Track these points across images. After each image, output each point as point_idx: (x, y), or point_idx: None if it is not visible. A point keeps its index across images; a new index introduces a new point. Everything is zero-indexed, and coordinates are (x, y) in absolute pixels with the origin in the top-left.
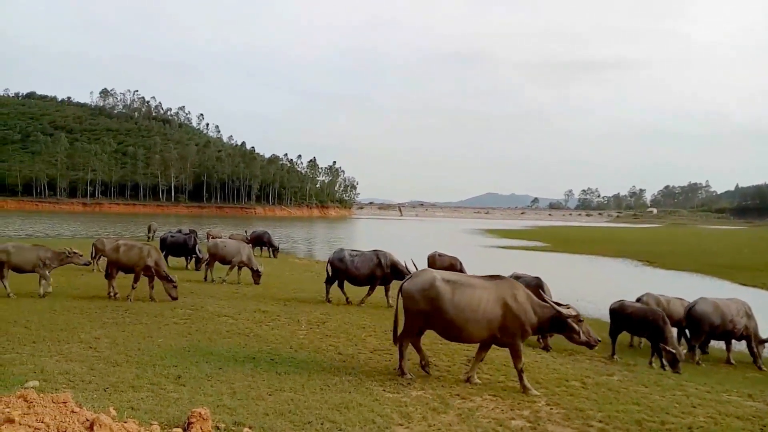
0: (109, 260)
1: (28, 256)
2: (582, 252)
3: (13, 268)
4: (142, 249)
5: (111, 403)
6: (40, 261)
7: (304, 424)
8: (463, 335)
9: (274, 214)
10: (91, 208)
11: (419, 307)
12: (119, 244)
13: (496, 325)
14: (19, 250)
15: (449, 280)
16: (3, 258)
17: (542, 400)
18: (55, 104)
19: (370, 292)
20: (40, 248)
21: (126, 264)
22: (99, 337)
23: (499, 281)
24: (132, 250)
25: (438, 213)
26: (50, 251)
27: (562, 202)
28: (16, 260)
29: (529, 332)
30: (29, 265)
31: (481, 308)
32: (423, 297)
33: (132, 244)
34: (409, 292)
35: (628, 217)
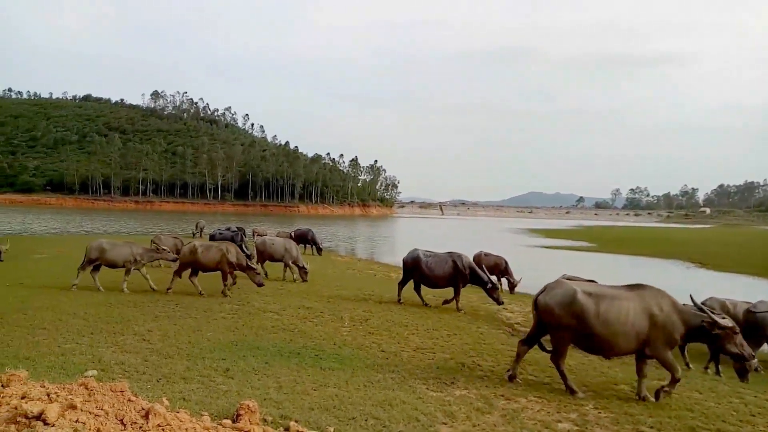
0: (186, 261)
1: (121, 252)
2: (630, 253)
3: (106, 264)
4: (221, 248)
5: (164, 394)
6: (131, 257)
7: (349, 420)
8: (610, 349)
9: (316, 213)
10: (142, 205)
11: (562, 322)
12: (196, 246)
13: (643, 338)
14: (114, 246)
15: (591, 293)
16: (98, 254)
17: (590, 404)
18: (110, 106)
19: (456, 296)
20: (132, 245)
21: (206, 264)
22: (152, 330)
23: (641, 290)
24: (211, 251)
25: (480, 212)
26: (141, 248)
27: (608, 202)
28: (111, 256)
29: (677, 341)
30: (121, 261)
31: (629, 320)
32: (565, 312)
33: (209, 244)
34: (548, 306)
35: (679, 217)
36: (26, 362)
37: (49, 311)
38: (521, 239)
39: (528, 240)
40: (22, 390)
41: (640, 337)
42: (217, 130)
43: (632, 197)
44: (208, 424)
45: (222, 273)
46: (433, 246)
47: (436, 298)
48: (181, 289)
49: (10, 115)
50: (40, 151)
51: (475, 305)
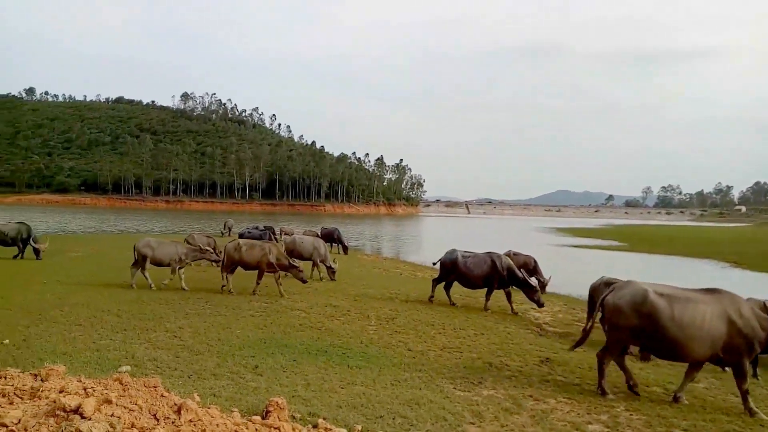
0: (230, 259)
1: (167, 250)
2: (662, 252)
3: (154, 262)
4: (263, 247)
5: (195, 390)
6: (177, 256)
7: (376, 418)
8: (683, 354)
9: (342, 212)
10: (173, 205)
11: (630, 322)
12: (240, 244)
13: (720, 345)
14: (161, 245)
15: (663, 294)
16: (147, 252)
17: (621, 405)
18: (141, 108)
19: (488, 296)
20: (177, 244)
21: (249, 262)
22: (183, 327)
23: (718, 295)
24: (254, 249)
25: (507, 211)
26: (186, 247)
27: (639, 200)
28: (158, 254)
29: (757, 350)
30: (167, 259)
31: (706, 325)
32: (635, 312)
33: (253, 242)
34: (616, 306)
35: (713, 215)
36: (63, 357)
37: (84, 308)
38: (549, 238)
39: (556, 239)
40: (60, 384)
41: (716, 343)
42: (245, 131)
43: (664, 195)
44: (238, 420)
45: (259, 271)
46: (459, 245)
47: (463, 297)
48: (210, 287)
49: (46, 118)
50: (75, 152)
51: (503, 305)
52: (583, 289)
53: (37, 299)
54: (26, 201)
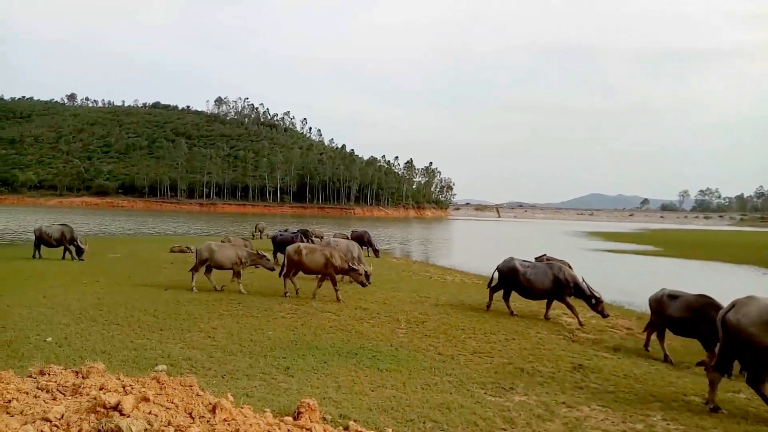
0: (291, 263)
1: (228, 254)
2: (699, 257)
3: (215, 265)
4: (325, 251)
5: (228, 389)
6: (237, 259)
7: (407, 422)
8: None
9: (371, 215)
10: (206, 208)
11: (761, 341)
12: (300, 248)
13: None
14: (221, 248)
15: None
16: (208, 255)
17: (658, 415)
18: (176, 112)
19: (548, 306)
20: (237, 247)
21: (309, 267)
22: (216, 328)
23: None
24: (315, 254)
25: (538, 214)
26: (245, 251)
27: (676, 204)
28: (219, 258)
29: None
30: (228, 263)
31: None
32: (764, 331)
33: (314, 247)
34: (740, 326)
35: (754, 220)
36: (102, 356)
37: (122, 308)
38: (580, 242)
39: (588, 243)
40: (100, 381)
41: None
42: (277, 135)
43: (702, 199)
44: (271, 420)
45: (322, 276)
46: (490, 249)
47: (497, 301)
48: (243, 287)
49: (87, 123)
50: (114, 156)
51: (534, 309)
52: (616, 294)
53: (77, 299)
54: (67, 203)
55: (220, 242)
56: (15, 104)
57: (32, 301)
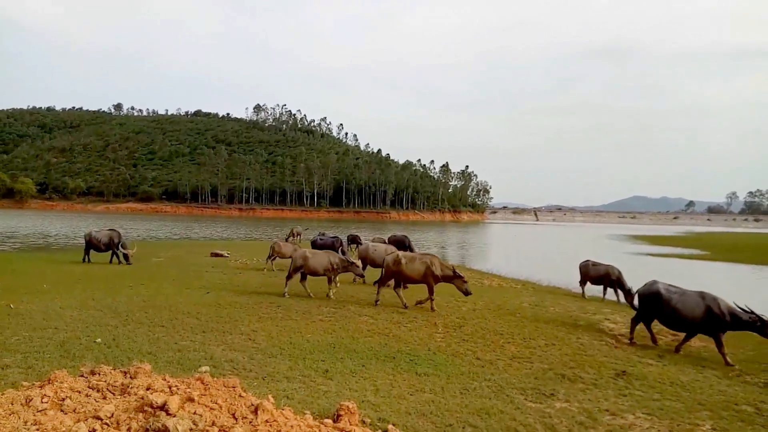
0: (389, 272)
1: (321, 260)
2: (748, 261)
3: (309, 272)
4: (425, 259)
5: (269, 391)
6: (330, 265)
7: (446, 427)
8: None
9: (407, 219)
10: (245, 212)
11: None
12: (400, 257)
13: None
14: (315, 255)
15: None
16: (302, 262)
17: (707, 424)
18: (217, 120)
19: (719, 347)
20: (330, 254)
21: (409, 276)
22: (256, 330)
23: None
24: (414, 262)
25: (577, 218)
26: (338, 257)
27: (723, 206)
28: (312, 264)
29: None
30: (321, 269)
31: None
32: None
33: (413, 255)
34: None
35: None
36: (148, 357)
37: (166, 310)
38: (622, 246)
39: (630, 247)
40: (147, 382)
41: None
42: (314, 140)
43: (751, 201)
44: (311, 422)
45: (428, 285)
46: (526, 252)
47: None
48: (281, 291)
49: (132, 131)
50: (157, 163)
51: (575, 315)
52: None
53: (124, 301)
54: (113, 209)
55: (311, 249)
56: (66, 114)
57: (82, 303)
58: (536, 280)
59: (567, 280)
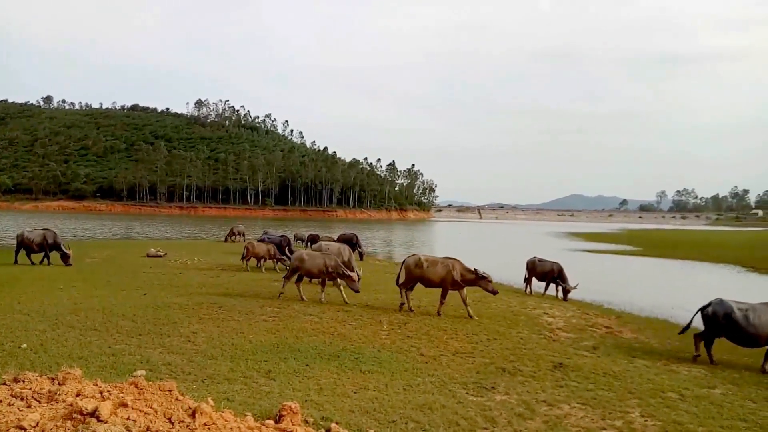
0: (410, 275)
1: (317, 262)
2: (677, 257)
3: (305, 274)
4: (446, 264)
5: (209, 394)
6: (325, 268)
7: (389, 423)
8: None
9: (354, 217)
10: (186, 211)
11: None
12: (421, 259)
13: None
14: (311, 257)
15: None
16: (297, 264)
17: (636, 411)
18: (156, 115)
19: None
20: (326, 256)
21: (431, 279)
22: (196, 332)
23: None
24: (436, 266)
25: (519, 215)
26: (334, 260)
27: (653, 204)
28: (307, 266)
29: None
30: (317, 271)
31: None
32: None
33: (435, 259)
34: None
35: (729, 219)
36: (80, 361)
37: (99, 313)
38: (562, 243)
39: (569, 244)
40: (77, 388)
41: None
42: (258, 137)
43: (679, 199)
44: (252, 424)
45: (443, 290)
46: (473, 250)
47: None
48: (222, 291)
49: (63, 126)
50: (91, 159)
51: (515, 310)
52: (597, 295)
53: (53, 304)
54: (43, 207)
55: (309, 251)
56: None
57: (5, 307)
58: None
59: (509, 277)
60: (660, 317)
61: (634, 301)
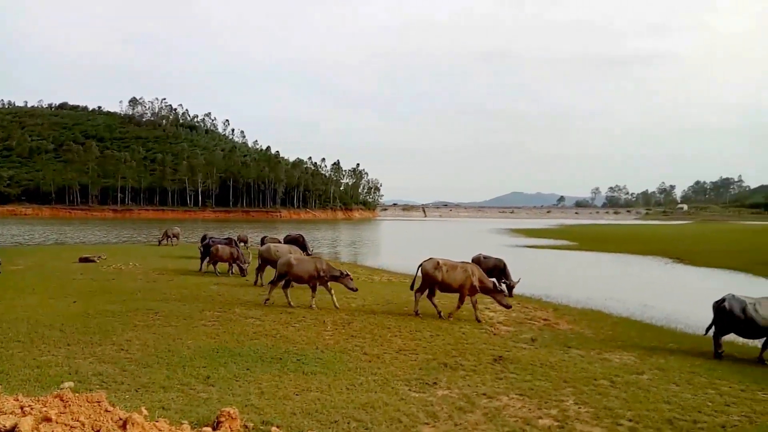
0: (428, 280)
1: (306, 267)
2: (610, 250)
3: (294, 279)
4: (466, 268)
5: (143, 403)
6: (315, 272)
7: (331, 423)
8: None
9: (298, 217)
10: (121, 214)
11: None
12: (440, 264)
13: None
14: (300, 262)
15: None
16: (286, 269)
17: (570, 399)
18: (87, 114)
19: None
20: (317, 260)
21: (449, 284)
22: (131, 340)
23: None
24: (455, 270)
25: (462, 213)
26: (326, 264)
27: (588, 200)
28: (296, 271)
29: None
30: (306, 276)
31: None
32: None
33: (453, 263)
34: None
35: (657, 214)
36: (0, 376)
37: (24, 323)
38: (504, 239)
39: (510, 240)
40: None
41: None
42: (197, 136)
43: (611, 195)
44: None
45: (461, 295)
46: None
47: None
48: (159, 297)
49: None
50: (15, 160)
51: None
52: (536, 290)
53: None
54: None
55: (299, 255)
56: None
57: None
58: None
59: None
60: (594, 308)
61: (571, 294)
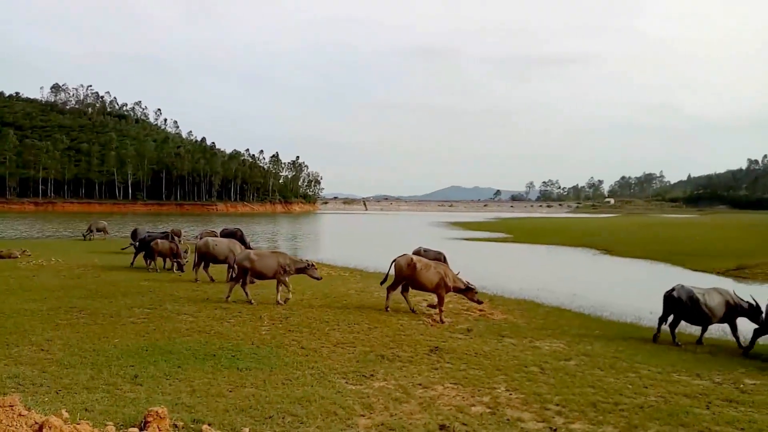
0: (401, 276)
1: (269, 262)
2: (543, 242)
3: (255, 275)
4: (439, 270)
5: (63, 406)
6: (280, 267)
7: (265, 419)
8: None
9: (236, 211)
10: (43, 207)
11: None
12: (413, 260)
13: None
14: (261, 257)
15: None
16: (247, 265)
17: (502, 386)
18: (3, 100)
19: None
20: (279, 255)
21: (422, 283)
22: (51, 339)
23: None
24: (429, 270)
25: (403, 207)
26: (289, 258)
27: (523, 194)
28: (259, 266)
29: None
30: (271, 272)
31: None
32: None
33: (428, 262)
34: None
35: (586, 207)
36: None
37: None
38: (443, 232)
39: (449, 233)
40: None
41: None
42: (127, 126)
43: (545, 190)
44: None
45: (439, 297)
46: (360, 242)
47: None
48: (84, 294)
49: None
50: None
51: (397, 298)
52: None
53: None
54: None
55: (259, 251)
56: None
57: None
58: (363, 267)
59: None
60: (527, 298)
61: (506, 285)
